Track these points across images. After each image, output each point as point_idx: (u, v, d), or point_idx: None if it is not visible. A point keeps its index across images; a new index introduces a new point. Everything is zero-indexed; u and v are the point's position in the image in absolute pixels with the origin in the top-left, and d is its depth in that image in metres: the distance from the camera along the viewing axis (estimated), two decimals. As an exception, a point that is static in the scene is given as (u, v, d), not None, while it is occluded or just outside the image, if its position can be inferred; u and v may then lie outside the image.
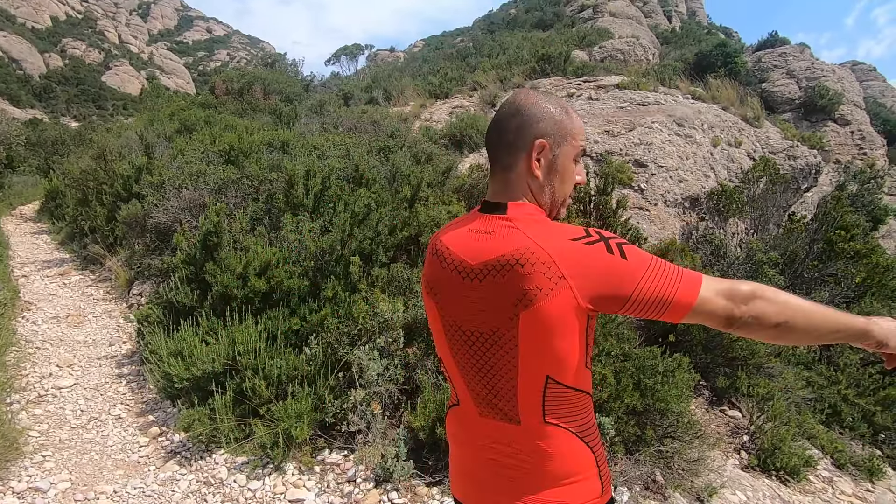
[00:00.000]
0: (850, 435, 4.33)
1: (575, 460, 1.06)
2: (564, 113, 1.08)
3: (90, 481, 2.75)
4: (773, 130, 11.11)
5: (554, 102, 1.09)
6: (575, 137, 1.09)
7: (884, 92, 39.64)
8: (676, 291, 0.94)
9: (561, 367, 1.02)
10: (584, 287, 0.95)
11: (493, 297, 1.00)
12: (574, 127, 1.08)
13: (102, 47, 66.38)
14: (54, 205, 9.08)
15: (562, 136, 1.07)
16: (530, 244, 0.97)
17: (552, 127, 1.06)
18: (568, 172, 1.10)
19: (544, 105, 1.07)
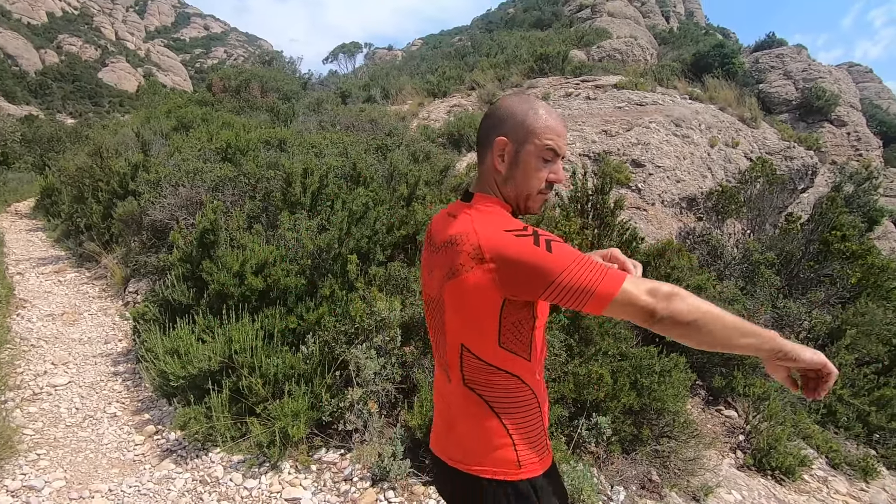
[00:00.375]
0: (845, 435, 4.35)
1: (482, 428, 1.19)
2: (532, 114, 1.16)
3: (85, 480, 2.74)
4: (770, 131, 11.14)
5: (524, 105, 1.18)
6: (539, 137, 1.15)
7: (880, 93, 39.78)
8: (600, 283, 1.03)
9: (473, 339, 1.16)
10: (502, 271, 1.06)
11: (439, 267, 1.18)
12: (538, 126, 1.15)
13: (99, 44, 66.04)
14: (50, 202, 9.03)
15: (524, 136, 1.16)
16: (470, 229, 1.12)
17: (514, 127, 1.17)
18: (530, 169, 1.17)
19: (513, 107, 1.18)
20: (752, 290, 5.43)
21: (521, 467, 1.18)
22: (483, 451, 1.19)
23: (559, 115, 1.21)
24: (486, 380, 1.19)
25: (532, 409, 1.22)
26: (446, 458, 1.25)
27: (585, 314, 3.48)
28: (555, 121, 1.17)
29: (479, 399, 1.19)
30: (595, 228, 5.08)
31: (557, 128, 1.17)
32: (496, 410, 1.19)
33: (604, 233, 5.06)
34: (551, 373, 3.16)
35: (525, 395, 1.20)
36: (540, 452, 1.22)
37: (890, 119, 32.73)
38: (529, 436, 1.20)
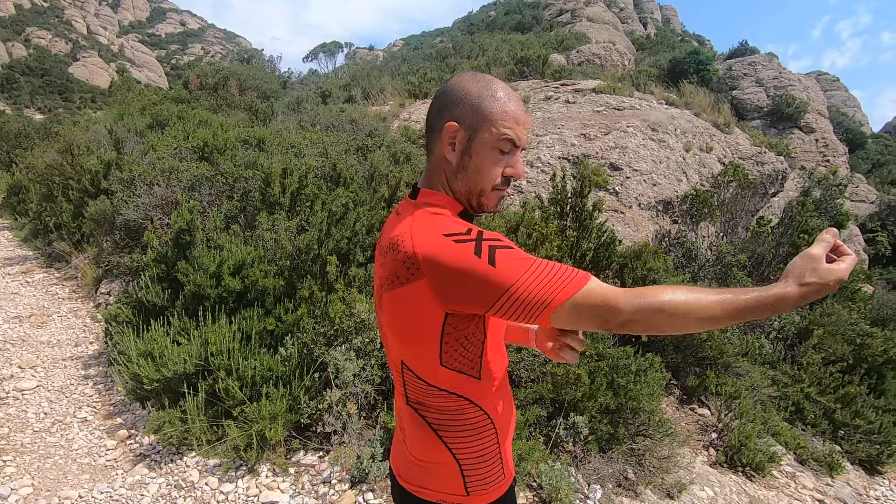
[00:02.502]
0: (812, 431, 4.50)
1: (427, 451, 1.09)
2: (488, 96, 0.99)
3: (54, 486, 2.66)
4: (742, 137, 11.45)
5: (479, 85, 1.00)
6: (495, 124, 0.98)
7: (846, 101, 41.26)
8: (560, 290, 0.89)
9: (412, 357, 1.03)
10: (439, 283, 0.91)
11: (379, 276, 1.05)
12: (495, 112, 0.98)
13: (69, 38, 64.11)
14: (16, 200, 8.73)
15: (479, 122, 0.99)
16: (406, 233, 0.96)
17: (468, 110, 0.99)
18: (484, 161, 1.00)
19: (466, 87, 1.00)
20: (725, 291, 5.57)
21: (469, 495, 1.09)
22: (429, 475, 1.10)
23: (519, 99, 1.03)
24: (428, 402, 1.06)
25: (484, 432, 1.09)
26: (397, 475, 1.18)
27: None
28: (514, 105, 1.00)
29: (423, 421, 1.07)
30: (574, 230, 5.15)
31: (517, 114, 1.00)
32: (440, 435, 1.06)
33: (582, 235, 5.13)
34: (530, 373, 3.20)
35: (475, 418, 1.07)
36: (493, 479, 1.11)
37: (855, 126, 33.99)
38: (481, 461, 1.09)
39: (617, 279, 5.35)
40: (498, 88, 1.00)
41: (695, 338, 4.31)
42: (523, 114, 1.01)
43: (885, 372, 5.02)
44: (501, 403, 1.13)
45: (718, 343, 4.26)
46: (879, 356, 5.00)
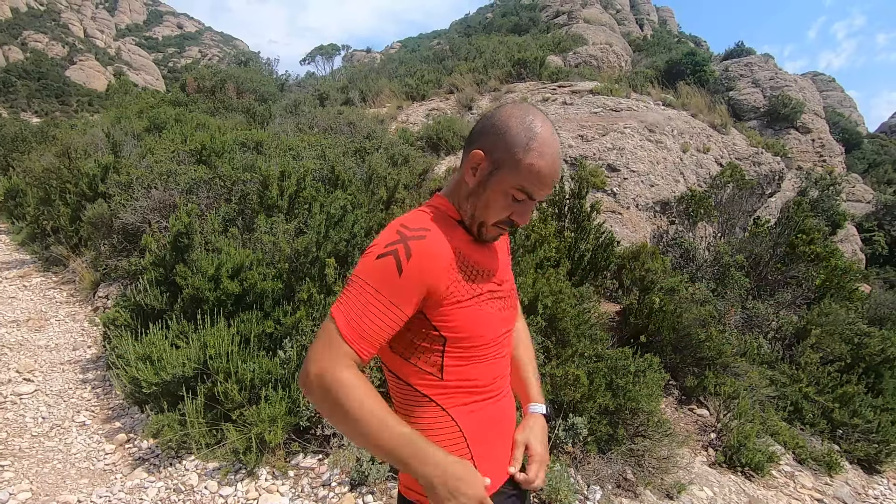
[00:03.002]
0: (811, 431, 4.51)
1: None
2: (524, 145, 0.98)
3: (52, 491, 2.66)
4: (739, 137, 11.49)
5: (521, 125, 0.99)
6: (519, 173, 0.99)
7: (842, 102, 41.43)
8: (338, 320, 0.97)
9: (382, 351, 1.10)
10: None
11: None
12: (523, 162, 0.98)
13: (66, 41, 63.98)
14: (14, 204, 8.70)
15: (504, 162, 1.00)
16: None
17: (500, 146, 1.00)
18: (496, 199, 1.03)
19: (507, 122, 1.01)
20: (723, 291, 5.59)
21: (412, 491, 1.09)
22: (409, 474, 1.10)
23: (556, 154, 1.00)
24: (397, 397, 1.13)
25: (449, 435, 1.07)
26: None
27: (562, 316, 3.53)
28: (545, 162, 0.98)
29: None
30: (572, 231, 5.16)
31: (544, 172, 0.99)
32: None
33: (580, 236, 5.14)
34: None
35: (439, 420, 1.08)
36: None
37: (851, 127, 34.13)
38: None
39: (615, 280, 5.36)
40: (536, 137, 0.99)
41: (693, 338, 4.32)
42: (552, 170, 1.00)
43: (883, 371, 5.04)
44: (477, 411, 1.11)
45: (717, 343, 4.27)
46: (877, 355, 5.01)
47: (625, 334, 4.59)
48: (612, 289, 5.32)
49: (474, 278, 1.07)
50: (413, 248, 0.96)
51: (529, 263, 3.92)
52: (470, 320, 1.05)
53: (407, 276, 0.95)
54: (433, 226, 1.02)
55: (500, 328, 1.15)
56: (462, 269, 1.04)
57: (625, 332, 4.61)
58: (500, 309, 1.14)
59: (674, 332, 4.36)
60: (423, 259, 0.97)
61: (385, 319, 0.96)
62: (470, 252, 1.08)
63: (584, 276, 5.01)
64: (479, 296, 1.07)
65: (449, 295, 1.02)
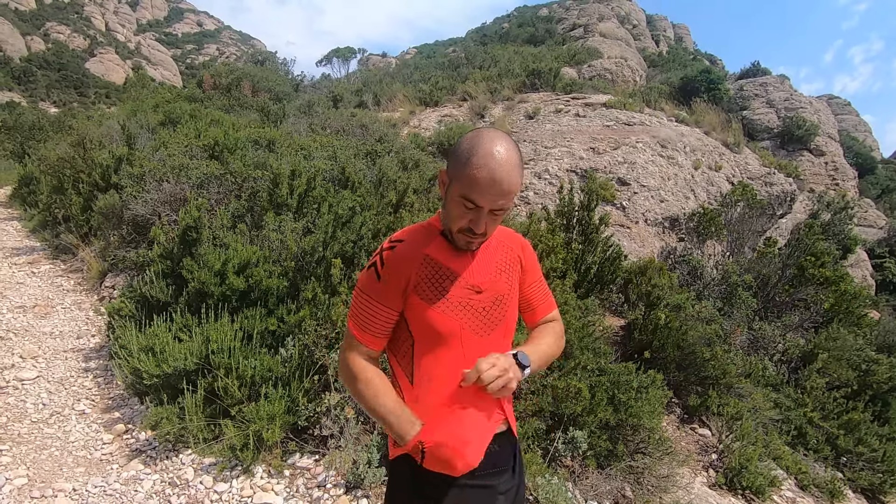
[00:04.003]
0: (814, 457, 4.44)
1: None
2: (467, 158, 1.12)
3: (48, 478, 2.66)
4: (751, 157, 11.43)
5: (471, 144, 1.13)
6: (462, 184, 1.13)
7: (857, 126, 41.15)
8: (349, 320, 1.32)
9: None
10: None
11: None
12: (464, 174, 1.12)
13: (88, 34, 65.02)
14: (27, 191, 8.81)
15: (454, 173, 1.16)
16: None
17: (453, 163, 1.17)
18: (453, 208, 1.18)
19: (463, 143, 1.17)
20: (730, 311, 5.54)
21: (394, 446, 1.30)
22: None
23: (495, 169, 1.10)
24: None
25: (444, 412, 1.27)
26: None
27: (566, 327, 3.50)
28: (481, 173, 1.10)
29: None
30: (579, 243, 5.14)
31: (480, 182, 1.10)
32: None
33: (588, 248, 5.12)
34: (530, 385, 3.17)
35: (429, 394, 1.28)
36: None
37: (865, 151, 33.88)
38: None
39: (621, 294, 5.33)
40: (476, 153, 1.12)
41: (697, 356, 4.28)
42: (488, 181, 1.11)
43: (890, 399, 4.96)
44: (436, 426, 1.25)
45: (721, 363, 4.22)
46: (885, 383, 4.94)
47: (629, 349, 4.55)
48: (618, 303, 5.28)
49: (441, 280, 1.23)
50: (385, 258, 1.23)
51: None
52: (431, 319, 1.22)
53: (384, 280, 1.23)
54: (410, 237, 1.26)
55: (470, 335, 1.25)
56: (428, 271, 1.23)
57: (629, 347, 4.57)
58: (471, 316, 1.25)
59: (678, 349, 4.32)
60: (392, 263, 1.23)
61: (375, 314, 1.25)
62: (444, 258, 1.25)
63: (590, 289, 4.98)
64: (445, 297, 1.23)
65: (415, 290, 1.22)
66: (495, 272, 1.30)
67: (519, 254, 1.37)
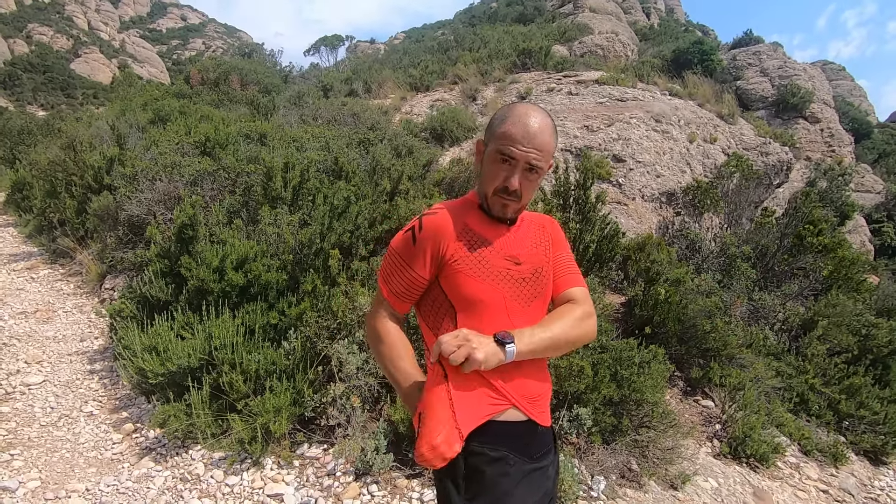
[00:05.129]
0: (816, 422, 4.49)
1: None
2: (499, 119, 1.23)
3: (61, 479, 2.69)
4: (746, 127, 11.36)
5: (502, 110, 1.25)
6: (496, 140, 1.21)
7: (852, 91, 40.86)
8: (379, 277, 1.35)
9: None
10: None
11: None
12: (497, 131, 1.21)
13: (71, 34, 63.96)
14: (21, 196, 8.75)
15: (489, 137, 1.25)
16: None
17: (488, 129, 1.26)
18: (486, 169, 1.25)
19: (499, 112, 1.26)
20: (729, 282, 5.55)
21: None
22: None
23: (529, 123, 1.19)
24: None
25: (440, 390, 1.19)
26: None
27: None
28: (515, 127, 1.19)
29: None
30: (577, 223, 5.13)
31: (516, 133, 1.18)
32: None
33: (585, 227, 5.11)
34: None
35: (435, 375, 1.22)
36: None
37: (861, 116, 33.69)
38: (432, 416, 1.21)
39: (620, 271, 5.34)
40: (510, 113, 1.22)
41: (698, 329, 4.30)
42: (523, 134, 1.19)
43: (891, 363, 5.00)
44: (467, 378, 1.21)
45: (722, 334, 4.24)
46: (885, 347, 4.98)
47: (630, 325, 4.57)
48: (618, 280, 5.30)
49: (480, 250, 1.24)
50: (424, 222, 1.25)
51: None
52: (474, 287, 1.22)
53: (419, 244, 1.24)
54: (449, 206, 1.29)
55: (513, 304, 1.25)
56: (467, 240, 1.25)
57: (630, 324, 4.59)
58: (512, 286, 1.26)
59: (679, 323, 4.34)
60: (431, 229, 1.24)
61: (403, 277, 1.27)
62: (481, 229, 1.27)
63: (590, 267, 4.98)
64: (485, 267, 1.23)
65: (452, 259, 1.23)
66: (531, 246, 1.33)
67: (549, 230, 1.40)
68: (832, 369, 4.78)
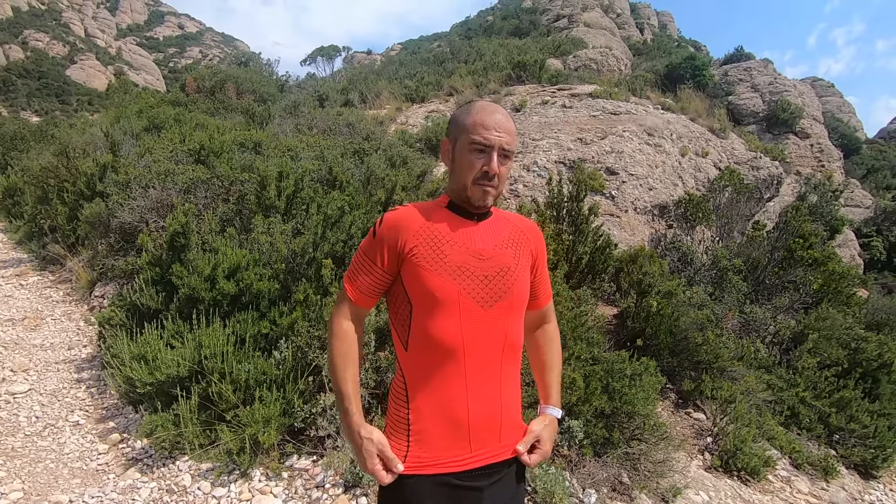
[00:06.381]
0: (807, 436, 4.50)
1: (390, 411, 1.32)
2: (464, 113, 1.27)
3: (44, 491, 2.64)
4: (738, 142, 11.50)
5: (464, 108, 1.30)
6: (467, 131, 1.23)
7: (841, 107, 41.53)
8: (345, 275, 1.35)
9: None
10: None
11: None
12: (468, 123, 1.24)
13: (67, 40, 63.98)
14: (11, 202, 8.68)
15: (457, 132, 1.27)
16: None
17: (452, 127, 1.30)
18: (461, 162, 1.25)
19: (455, 113, 1.33)
20: (721, 295, 5.59)
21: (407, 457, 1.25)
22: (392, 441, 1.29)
23: (494, 111, 1.25)
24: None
25: (399, 404, 1.27)
26: None
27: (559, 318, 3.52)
28: (485, 116, 1.23)
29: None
30: (570, 234, 5.16)
31: (486, 122, 1.22)
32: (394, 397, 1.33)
33: (578, 239, 5.14)
34: (524, 378, 3.19)
35: (398, 387, 1.29)
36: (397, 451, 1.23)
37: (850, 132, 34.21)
38: (394, 427, 1.27)
39: (613, 283, 5.36)
40: (475, 107, 1.27)
41: (690, 342, 4.32)
42: (493, 121, 1.23)
43: (880, 376, 5.03)
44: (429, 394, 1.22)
45: (714, 347, 4.26)
46: (874, 360, 5.01)
47: (622, 337, 4.58)
48: (610, 292, 5.31)
49: (441, 244, 1.23)
50: (386, 217, 1.27)
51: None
52: (429, 282, 1.20)
53: (379, 237, 1.26)
54: (416, 204, 1.30)
55: (469, 302, 1.21)
56: (428, 234, 1.24)
57: (622, 336, 4.60)
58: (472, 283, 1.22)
59: (671, 335, 4.36)
60: (391, 223, 1.25)
61: (364, 271, 1.28)
62: (445, 223, 1.26)
63: (582, 279, 5.00)
64: (443, 261, 1.21)
65: (411, 253, 1.22)
66: (500, 244, 1.29)
67: (531, 240, 1.37)
68: (822, 382, 4.80)
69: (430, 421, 1.21)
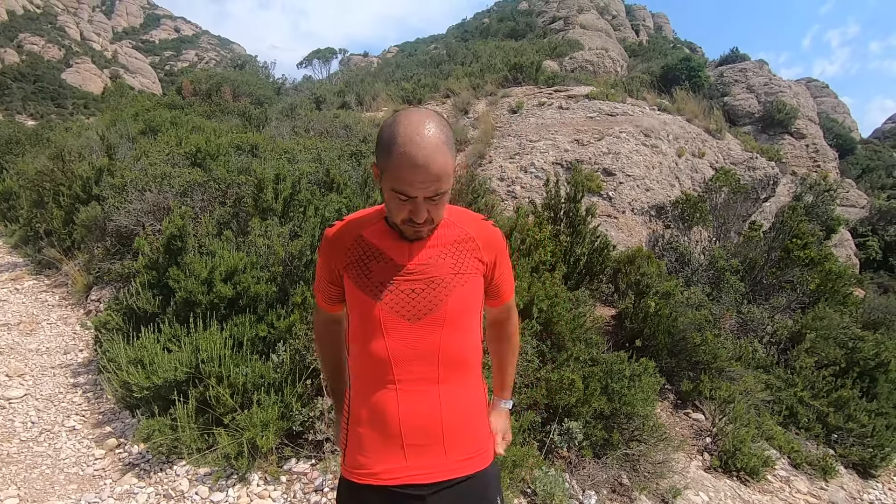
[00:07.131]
0: (806, 435, 4.51)
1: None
2: (390, 142, 1.03)
3: (40, 497, 2.62)
4: (734, 142, 11.55)
5: (392, 131, 1.03)
6: (388, 176, 1.04)
7: (835, 108, 41.78)
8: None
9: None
10: None
11: None
12: (390, 161, 1.03)
13: (63, 44, 63.83)
14: (7, 206, 8.65)
15: (384, 168, 1.05)
16: None
17: (378, 152, 1.08)
18: (388, 200, 1.11)
19: (384, 132, 1.06)
20: (718, 295, 5.60)
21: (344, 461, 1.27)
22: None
23: (416, 156, 1.00)
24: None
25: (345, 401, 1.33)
26: None
27: (557, 320, 3.53)
28: (403, 162, 1.01)
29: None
30: (567, 235, 5.16)
31: (404, 175, 1.02)
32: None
33: (576, 240, 5.14)
34: (524, 378, 3.18)
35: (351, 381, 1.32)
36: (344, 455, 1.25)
37: (845, 132, 34.40)
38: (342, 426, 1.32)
39: (611, 284, 5.36)
40: (396, 141, 1.01)
41: (688, 342, 4.32)
42: (412, 175, 1.01)
43: (877, 375, 5.05)
44: (364, 400, 1.22)
45: (712, 347, 4.26)
46: (871, 359, 5.02)
47: (620, 338, 4.58)
48: (608, 293, 5.32)
49: (368, 260, 1.20)
50: (324, 235, 1.29)
51: (525, 267, 3.91)
52: (356, 298, 1.21)
53: (321, 253, 1.31)
54: (352, 217, 1.28)
55: (392, 317, 1.17)
56: (357, 251, 1.22)
57: (620, 337, 4.60)
58: (397, 298, 1.17)
59: (669, 336, 4.36)
60: (326, 241, 1.28)
61: (322, 282, 1.34)
62: (378, 240, 1.21)
63: (580, 280, 5.00)
64: (368, 278, 1.19)
65: (345, 270, 1.24)
66: (438, 254, 1.19)
67: (482, 248, 1.24)
68: (820, 382, 4.81)
69: (366, 426, 1.20)
